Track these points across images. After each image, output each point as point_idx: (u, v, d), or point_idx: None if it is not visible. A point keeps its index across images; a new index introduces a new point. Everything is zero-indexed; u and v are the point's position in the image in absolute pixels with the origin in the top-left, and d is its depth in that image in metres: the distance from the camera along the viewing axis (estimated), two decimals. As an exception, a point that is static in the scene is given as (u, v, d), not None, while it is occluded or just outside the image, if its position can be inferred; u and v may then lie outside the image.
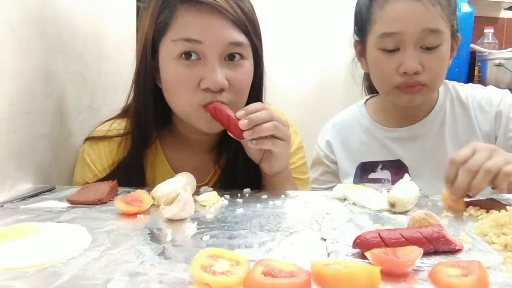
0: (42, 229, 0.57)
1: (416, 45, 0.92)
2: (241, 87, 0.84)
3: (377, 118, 1.10)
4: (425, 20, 0.91)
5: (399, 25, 0.92)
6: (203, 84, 0.80)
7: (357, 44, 1.06)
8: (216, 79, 0.79)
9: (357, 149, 1.09)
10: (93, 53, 1.08)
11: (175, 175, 0.85)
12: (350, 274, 0.43)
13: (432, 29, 0.91)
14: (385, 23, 0.94)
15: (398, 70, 0.93)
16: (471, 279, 0.43)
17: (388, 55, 0.94)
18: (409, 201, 0.72)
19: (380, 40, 0.94)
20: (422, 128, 1.04)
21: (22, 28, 0.79)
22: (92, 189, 0.77)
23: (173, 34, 0.80)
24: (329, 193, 0.84)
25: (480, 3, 2.43)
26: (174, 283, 0.43)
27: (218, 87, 0.79)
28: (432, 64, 0.92)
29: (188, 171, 0.85)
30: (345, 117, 1.16)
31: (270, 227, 0.62)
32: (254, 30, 0.85)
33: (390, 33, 0.92)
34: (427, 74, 0.93)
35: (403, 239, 0.52)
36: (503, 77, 2.07)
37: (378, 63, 0.97)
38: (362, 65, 1.07)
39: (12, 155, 0.77)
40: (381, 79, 0.98)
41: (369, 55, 1.00)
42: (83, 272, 0.46)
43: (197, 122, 0.85)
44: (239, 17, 0.81)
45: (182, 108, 0.85)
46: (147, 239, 0.56)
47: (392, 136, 1.06)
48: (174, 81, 0.82)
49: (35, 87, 0.84)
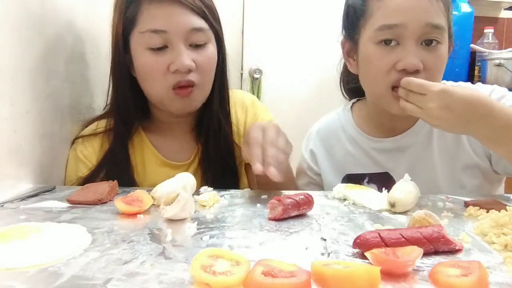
0: (42, 229, 0.57)
1: (417, 40, 0.84)
2: (206, 68, 0.92)
3: (363, 125, 1.02)
4: (429, 14, 0.84)
5: (401, 17, 0.84)
6: (172, 67, 0.87)
7: (346, 42, 0.98)
8: (183, 61, 0.87)
9: (343, 160, 1.02)
10: (93, 53, 1.08)
11: (164, 159, 0.98)
12: (350, 274, 0.43)
13: (436, 24, 0.84)
14: (384, 15, 0.85)
15: (395, 67, 0.85)
16: (471, 279, 0.43)
17: (386, 50, 0.86)
18: (409, 201, 0.72)
19: (379, 33, 0.86)
20: (409, 138, 0.97)
21: (22, 28, 0.79)
22: (92, 189, 0.77)
23: (141, 26, 0.88)
24: (329, 193, 0.84)
25: (480, 3, 2.43)
26: (174, 283, 0.43)
27: (185, 68, 0.87)
28: (432, 63, 0.85)
29: (173, 153, 0.99)
30: (330, 123, 1.08)
31: (270, 227, 0.62)
32: (212, 15, 0.92)
33: (391, 25, 0.84)
34: (427, 74, 0.85)
35: (403, 239, 0.51)
36: (503, 77, 2.07)
37: (373, 59, 0.88)
38: (350, 66, 0.98)
39: (12, 155, 0.77)
40: (375, 78, 0.89)
41: (362, 52, 0.91)
42: (83, 272, 0.46)
43: (170, 105, 0.92)
44: (197, 5, 0.89)
45: (156, 93, 0.92)
46: (147, 239, 0.56)
47: (379, 147, 0.99)
48: (145, 68, 0.89)
49: (35, 87, 0.84)
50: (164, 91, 0.90)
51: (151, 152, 0.99)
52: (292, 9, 2.19)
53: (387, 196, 0.74)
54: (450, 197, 0.83)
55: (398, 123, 0.97)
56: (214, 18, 0.94)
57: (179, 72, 0.88)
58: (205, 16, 0.90)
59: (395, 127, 0.98)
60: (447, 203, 0.77)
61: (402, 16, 0.84)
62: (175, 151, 1.00)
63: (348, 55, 0.98)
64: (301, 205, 0.68)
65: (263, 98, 2.16)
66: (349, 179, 1.00)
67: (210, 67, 0.93)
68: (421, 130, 0.97)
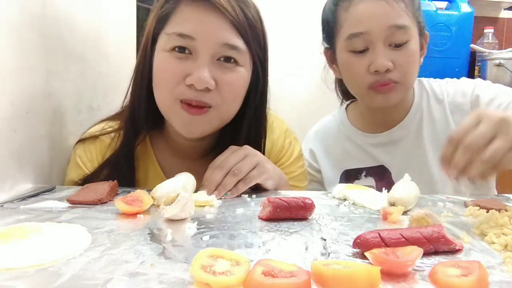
0: (42, 229, 0.56)
1: (384, 42, 0.92)
2: (229, 91, 0.81)
3: (357, 123, 1.09)
4: (390, 17, 0.91)
5: (365, 24, 0.92)
6: (188, 80, 0.78)
7: (327, 51, 1.06)
8: (201, 76, 0.77)
9: (340, 157, 1.09)
10: (93, 53, 1.08)
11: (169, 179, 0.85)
12: (350, 274, 0.43)
13: (398, 25, 0.91)
14: (351, 25, 0.94)
15: (369, 69, 0.93)
16: (471, 279, 0.43)
17: (358, 56, 0.94)
18: (409, 201, 0.72)
19: (349, 42, 0.94)
20: (400, 131, 1.04)
21: (22, 28, 0.79)
22: (92, 189, 0.77)
23: (170, 27, 0.80)
24: (329, 193, 0.84)
25: (480, 3, 2.43)
26: (174, 283, 0.43)
27: (202, 85, 0.77)
28: (402, 60, 0.92)
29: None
30: (327, 124, 1.16)
31: (270, 227, 0.62)
32: (255, 38, 0.83)
33: (357, 34, 0.92)
34: (398, 71, 0.93)
35: (403, 239, 0.52)
36: (503, 77, 2.07)
37: (349, 65, 0.97)
38: (334, 72, 1.07)
39: (12, 155, 0.77)
40: (354, 81, 0.98)
41: (339, 59, 1.00)
42: (83, 272, 0.46)
43: (175, 120, 0.83)
44: (240, 21, 0.79)
45: (163, 101, 0.83)
46: (147, 239, 0.56)
47: (373, 142, 1.06)
48: (161, 72, 0.81)
49: (35, 87, 0.84)
50: (171, 100, 0.81)
51: (155, 170, 0.92)
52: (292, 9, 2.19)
53: (387, 196, 0.75)
54: (450, 197, 0.83)
55: (388, 117, 1.04)
56: (257, 42, 0.84)
57: (194, 88, 0.78)
58: (246, 35, 0.80)
59: (386, 121, 1.05)
60: (447, 203, 0.77)
61: (366, 23, 0.92)
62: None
63: (331, 62, 1.06)
64: (293, 210, 0.66)
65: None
66: (347, 174, 1.07)
67: (234, 92, 0.82)
68: (412, 122, 1.04)
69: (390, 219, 0.66)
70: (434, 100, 1.04)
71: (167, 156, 0.93)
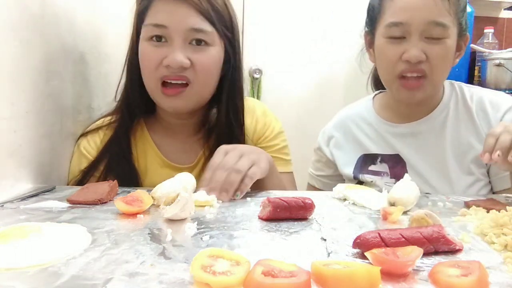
0: (42, 229, 0.57)
1: (421, 35, 0.94)
2: (203, 68, 0.92)
3: (382, 113, 1.13)
4: (432, 13, 0.93)
5: (406, 15, 0.95)
6: (165, 62, 0.89)
7: (367, 35, 1.10)
8: (175, 57, 0.89)
9: (361, 141, 1.13)
10: (93, 53, 1.08)
11: (166, 160, 0.98)
12: (350, 274, 0.43)
13: (438, 22, 0.93)
14: (393, 13, 0.97)
15: (402, 58, 0.96)
16: (471, 279, 0.43)
17: (394, 43, 0.97)
18: (409, 201, 0.73)
19: (388, 30, 0.98)
20: (423, 125, 1.06)
21: (22, 28, 0.79)
22: (92, 189, 0.77)
23: (147, 20, 0.92)
24: (329, 193, 0.84)
25: (480, 3, 2.42)
26: (174, 283, 0.43)
27: (177, 64, 0.89)
28: (435, 54, 0.95)
29: (176, 154, 1.00)
30: (353, 110, 1.20)
31: (270, 227, 0.62)
32: (220, 20, 0.93)
33: (397, 23, 0.96)
34: (429, 63, 0.95)
35: (403, 239, 0.52)
36: (503, 77, 2.07)
37: (384, 51, 1.00)
38: (370, 56, 1.11)
39: (12, 155, 0.77)
40: (386, 67, 1.02)
41: (376, 44, 1.03)
42: (83, 272, 0.46)
43: (160, 100, 0.94)
44: (203, 7, 0.90)
45: (148, 84, 0.94)
46: (147, 239, 0.56)
47: (393, 131, 1.09)
48: (143, 58, 0.93)
49: (35, 87, 0.84)
50: (153, 84, 0.92)
51: (153, 151, 1.00)
52: (292, 9, 2.18)
53: (387, 196, 0.75)
54: (450, 197, 0.83)
55: (414, 110, 1.07)
56: (223, 23, 0.94)
57: (170, 67, 0.89)
58: (211, 18, 0.91)
59: (411, 114, 1.08)
60: (447, 203, 0.77)
61: (407, 14, 0.95)
62: (178, 153, 1.01)
63: (369, 46, 1.10)
64: (293, 209, 0.66)
65: (263, 98, 2.16)
66: (365, 158, 1.11)
67: (207, 68, 0.93)
68: (436, 119, 1.06)
69: (390, 219, 0.66)
70: (462, 104, 1.06)
71: (162, 136, 1.03)
